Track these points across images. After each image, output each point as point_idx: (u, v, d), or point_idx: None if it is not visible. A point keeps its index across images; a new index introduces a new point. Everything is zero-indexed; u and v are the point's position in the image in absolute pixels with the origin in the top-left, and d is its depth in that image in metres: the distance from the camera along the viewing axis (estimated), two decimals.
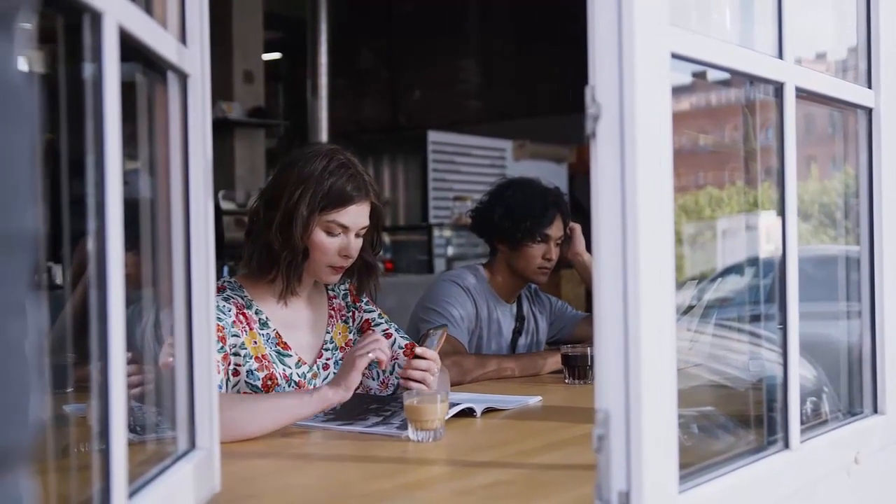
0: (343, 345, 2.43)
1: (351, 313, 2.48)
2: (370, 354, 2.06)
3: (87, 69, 1.05)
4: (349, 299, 2.49)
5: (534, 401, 2.44)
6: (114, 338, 1.05)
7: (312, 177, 2.23)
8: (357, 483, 1.68)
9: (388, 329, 2.46)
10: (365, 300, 2.50)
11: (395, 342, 2.42)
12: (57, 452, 1.28)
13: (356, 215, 2.28)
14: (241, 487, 1.61)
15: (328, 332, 2.42)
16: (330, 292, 2.47)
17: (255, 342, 2.26)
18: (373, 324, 2.47)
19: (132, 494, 1.13)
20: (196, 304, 1.43)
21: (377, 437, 1.98)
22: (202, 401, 1.44)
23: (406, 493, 1.61)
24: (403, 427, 1.97)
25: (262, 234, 2.27)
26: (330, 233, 2.26)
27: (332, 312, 2.45)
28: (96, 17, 1.03)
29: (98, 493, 1.04)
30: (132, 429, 1.27)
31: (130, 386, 1.16)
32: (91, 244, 1.04)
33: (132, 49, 1.16)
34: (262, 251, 2.28)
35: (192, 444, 1.43)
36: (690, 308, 2.29)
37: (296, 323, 2.36)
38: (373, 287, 2.44)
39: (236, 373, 2.21)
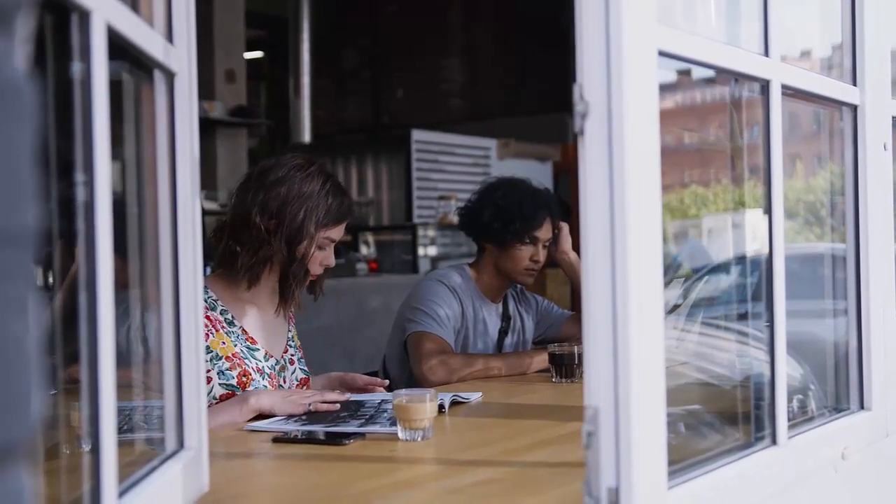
0: (298, 345, 2.59)
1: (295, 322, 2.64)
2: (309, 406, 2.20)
3: (75, 68, 1.04)
4: (293, 311, 2.62)
5: (475, 397, 2.45)
6: (103, 338, 1.04)
7: (313, 196, 2.36)
8: (346, 482, 1.68)
9: (301, 355, 2.61)
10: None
11: (294, 371, 2.53)
12: (44, 453, 1.27)
13: (343, 230, 2.46)
14: (230, 487, 1.61)
15: (290, 331, 2.56)
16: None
17: (224, 342, 2.34)
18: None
19: (121, 494, 1.13)
20: (184, 304, 1.42)
21: (366, 437, 1.97)
22: (190, 401, 1.43)
23: (396, 492, 1.61)
24: (393, 423, 1.97)
25: (261, 246, 2.34)
26: (320, 247, 2.40)
27: (291, 315, 2.58)
28: (84, 16, 1.02)
29: (88, 493, 1.04)
30: (119, 429, 1.26)
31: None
32: (80, 245, 1.04)
33: (118, 47, 1.15)
34: (261, 263, 2.36)
35: (181, 445, 1.42)
36: (676, 307, 2.30)
37: (261, 321, 2.46)
38: (322, 283, 2.54)
39: (207, 380, 2.25)
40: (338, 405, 2.23)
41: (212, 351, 2.29)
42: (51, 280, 1.45)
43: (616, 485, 1.20)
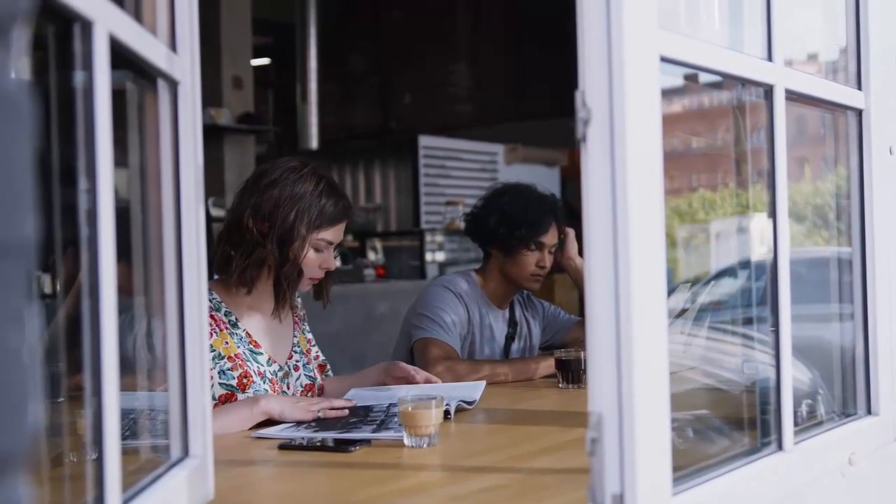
0: (305, 350, 2.57)
1: (305, 325, 2.63)
2: (319, 413, 2.22)
3: (78, 77, 1.05)
4: (303, 312, 2.64)
5: (479, 390, 2.48)
6: (106, 345, 1.05)
7: (305, 197, 2.36)
8: (352, 489, 1.68)
9: (318, 352, 2.66)
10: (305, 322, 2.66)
11: (298, 377, 2.53)
12: (50, 461, 1.27)
13: (341, 232, 2.45)
14: (235, 495, 1.61)
15: (295, 337, 2.55)
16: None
17: (227, 342, 2.35)
18: (312, 343, 2.64)
19: (126, 502, 1.13)
20: (188, 312, 1.43)
21: (372, 444, 1.97)
22: (195, 409, 1.43)
23: (402, 499, 1.61)
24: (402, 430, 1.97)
25: (254, 249, 2.35)
26: (317, 249, 2.40)
27: (296, 319, 2.59)
28: (87, 26, 1.03)
29: (92, 502, 1.04)
30: (124, 436, 1.27)
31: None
32: (83, 253, 1.04)
33: (122, 57, 1.16)
34: (255, 266, 2.36)
35: (186, 452, 1.42)
36: (684, 311, 2.29)
37: (265, 327, 2.46)
38: (329, 289, 2.54)
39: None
40: (346, 411, 2.24)
41: (214, 350, 2.30)
42: (58, 288, 1.46)
43: (620, 491, 1.20)
